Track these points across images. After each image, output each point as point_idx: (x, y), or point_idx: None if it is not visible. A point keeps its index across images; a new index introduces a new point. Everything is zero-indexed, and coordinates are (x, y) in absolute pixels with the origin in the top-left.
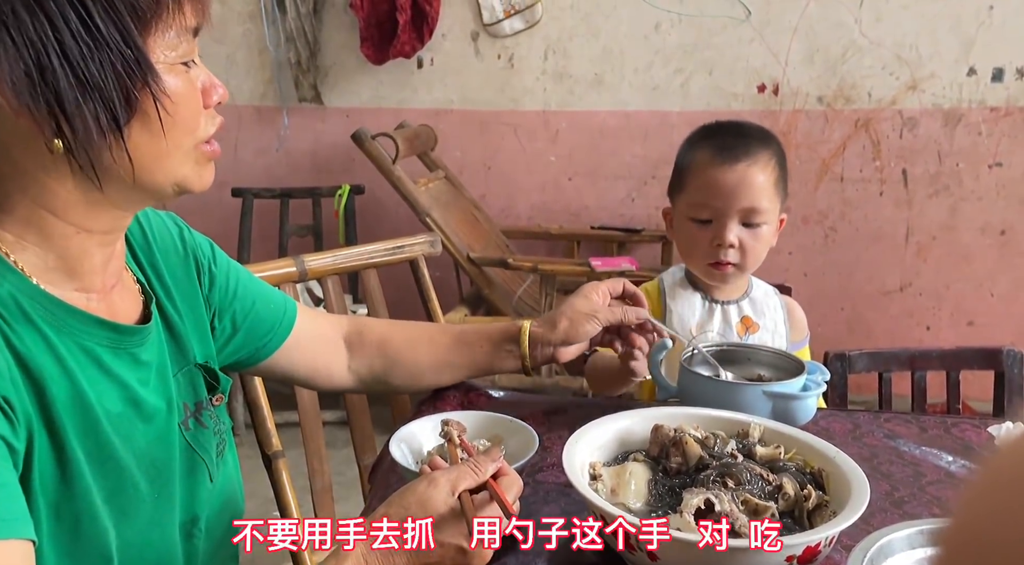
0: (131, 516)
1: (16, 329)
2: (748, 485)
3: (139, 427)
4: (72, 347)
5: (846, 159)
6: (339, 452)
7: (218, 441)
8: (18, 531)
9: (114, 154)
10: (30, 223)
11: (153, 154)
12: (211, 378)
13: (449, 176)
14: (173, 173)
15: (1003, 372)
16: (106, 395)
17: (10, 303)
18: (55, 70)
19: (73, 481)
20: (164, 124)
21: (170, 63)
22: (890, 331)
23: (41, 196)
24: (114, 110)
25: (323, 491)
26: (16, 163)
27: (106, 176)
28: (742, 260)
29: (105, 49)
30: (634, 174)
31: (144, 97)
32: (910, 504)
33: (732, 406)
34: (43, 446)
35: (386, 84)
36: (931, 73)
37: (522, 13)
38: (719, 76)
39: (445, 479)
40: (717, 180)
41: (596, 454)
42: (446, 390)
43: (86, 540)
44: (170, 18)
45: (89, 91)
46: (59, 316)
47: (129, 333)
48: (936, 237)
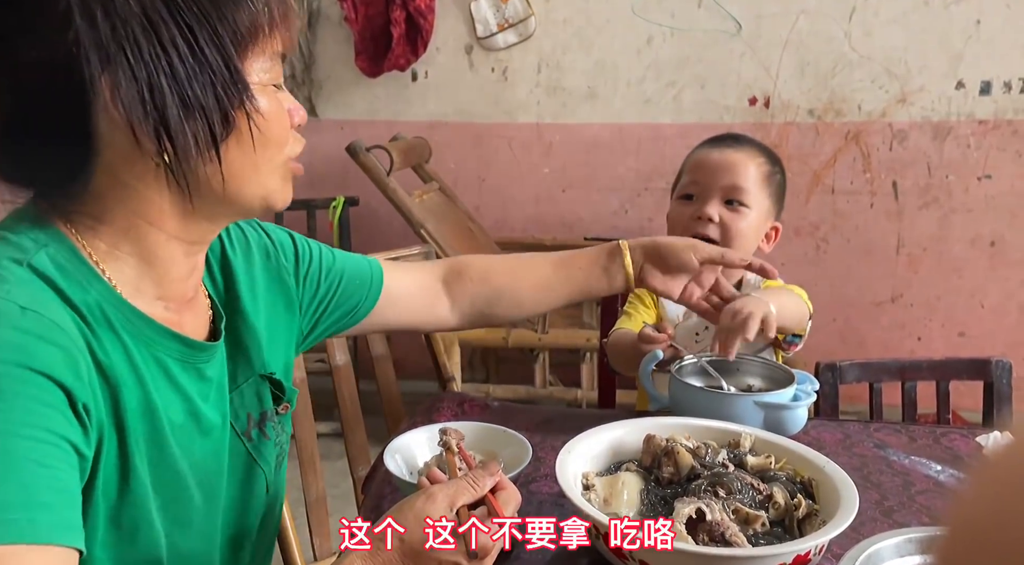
0: (184, 525)
1: (99, 336)
2: (739, 494)
3: (197, 440)
4: (147, 357)
5: (837, 171)
6: (333, 463)
7: (278, 452)
8: (68, 538)
9: (208, 169)
10: (127, 233)
11: (244, 169)
12: (276, 388)
13: (443, 188)
14: (261, 188)
15: (992, 383)
16: (171, 406)
17: (96, 311)
18: (163, 90)
19: (134, 488)
20: (256, 141)
21: (262, 84)
22: (882, 342)
23: (140, 207)
24: (213, 128)
25: (317, 503)
26: (118, 177)
27: (199, 189)
28: (723, 238)
29: (208, 71)
30: (627, 186)
31: (239, 116)
32: (899, 513)
33: (723, 416)
34: (111, 452)
35: (381, 97)
36: (920, 86)
37: (515, 27)
38: (711, 89)
39: (443, 494)
40: (705, 160)
41: (589, 464)
42: (439, 401)
43: (140, 547)
44: (264, 43)
45: (192, 110)
46: (138, 326)
47: (200, 349)
48: (927, 249)
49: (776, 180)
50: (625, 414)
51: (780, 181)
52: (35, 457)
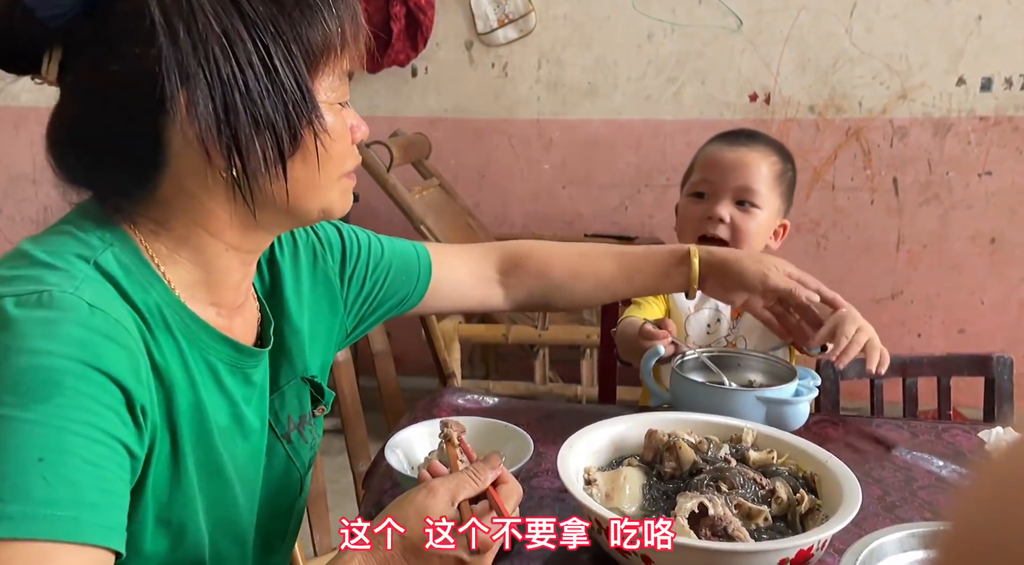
0: (225, 527)
1: (157, 337)
2: (741, 489)
3: (239, 443)
4: (198, 359)
5: (837, 168)
6: (334, 459)
7: (311, 455)
8: (109, 540)
9: (274, 185)
10: (187, 240)
11: (307, 185)
12: (315, 391)
13: (443, 184)
14: (322, 201)
15: (993, 379)
16: (218, 409)
17: (156, 312)
18: (237, 108)
19: (184, 489)
20: (320, 158)
21: (330, 103)
22: (882, 338)
23: (203, 217)
24: (281, 145)
25: (317, 498)
26: (184, 188)
27: (263, 204)
28: (733, 238)
29: (280, 90)
30: (627, 182)
31: (307, 134)
32: (901, 508)
33: (725, 412)
34: (163, 453)
35: (380, 92)
36: (921, 83)
37: (516, 22)
38: (711, 85)
39: (444, 488)
40: (718, 158)
41: (591, 459)
42: (441, 397)
43: (187, 548)
44: (334, 63)
45: (263, 128)
46: (193, 329)
47: (249, 354)
48: (927, 245)
49: (788, 178)
50: (626, 410)
51: (791, 179)
52: (87, 456)
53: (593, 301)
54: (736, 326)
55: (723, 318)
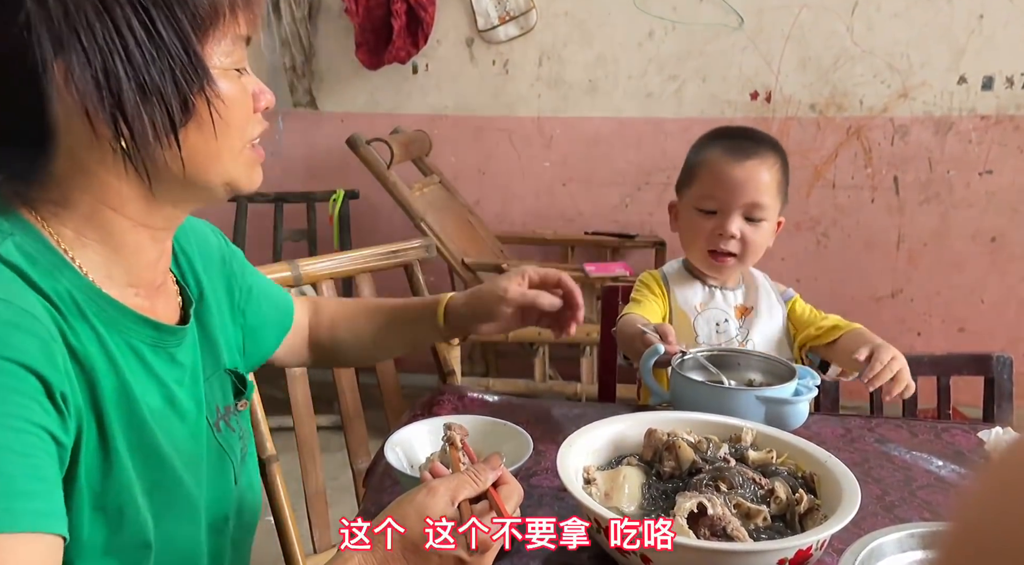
0: (173, 509)
1: (72, 324)
2: (741, 489)
3: (176, 425)
4: (120, 343)
5: (838, 166)
6: (333, 456)
7: (241, 446)
8: (51, 526)
9: (167, 155)
10: (91, 219)
11: (205, 155)
12: (239, 383)
13: (444, 181)
14: (224, 173)
15: (993, 378)
16: (148, 391)
17: (67, 299)
18: (119, 75)
19: (117, 474)
20: (216, 127)
21: (224, 69)
22: (882, 337)
23: (102, 193)
24: (171, 113)
25: (317, 495)
26: (79, 163)
27: (159, 175)
28: (742, 252)
29: (166, 56)
30: (628, 180)
31: (199, 101)
32: (901, 508)
33: (725, 411)
34: (91, 439)
35: (381, 89)
36: (922, 81)
37: (517, 19)
38: (712, 83)
39: (444, 488)
40: (726, 174)
41: (590, 458)
42: (441, 395)
43: (127, 532)
44: (225, 27)
45: (149, 95)
46: (109, 313)
47: (169, 333)
48: (927, 244)
49: (785, 180)
50: (626, 408)
51: (787, 177)
52: (14, 446)
53: (371, 354)
54: (743, 324)
55: (730, 318)
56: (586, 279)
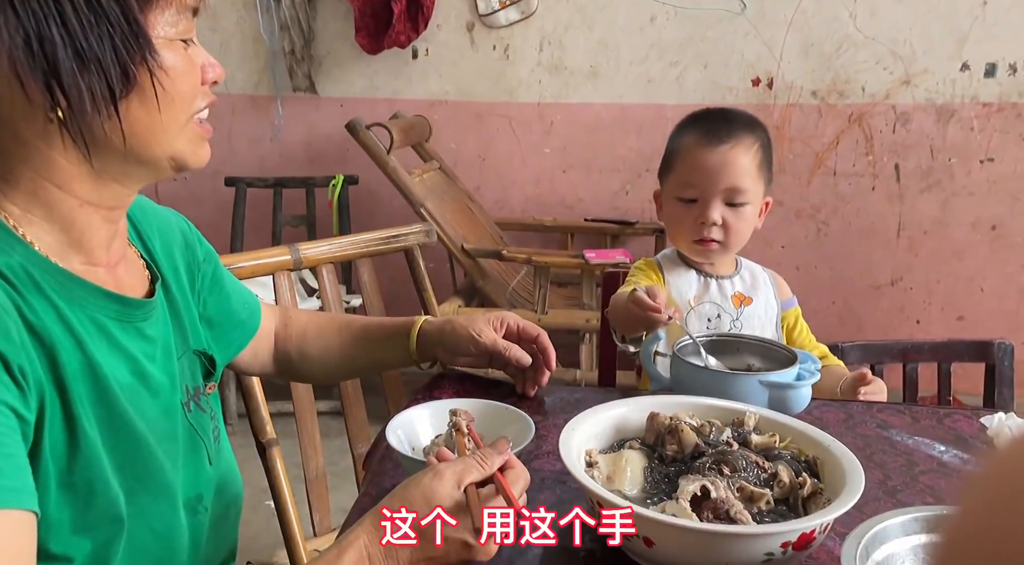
0: (145, 485)
1: (28, 299)
2: (744, 472)
3: (148, 400)
4: (82, 318)
5: (839, 153)
6: (333, 441)
7: (213, 427)
8: (21, 502)
9: (107, 126)
10: (35, 196)
11: (147, 128)
12: (208, 365)
13: (443, 167)
14: (168, 148)
15: (994, 365)
16: (116, 366)
17: (21, 274)
18: (54, 41)
19: (84, 449)
20: (160, 99)
21: (168, 39)
22: (881, 325)
23: (44, 168)
24: (110, 83)
25: (317, 479)
26: (18, 135)
27: (100, 148)
28: (725, 238)
29: (105, 22)
30: (628, 167)
31: (141, 72)
32: (903, 493)
33: (727, 396)
34: (54, 414)
35: (381, 74)
36: (924, 68)
37: (517, 4)
38: (714, 70)
39: (451, 472)
40: (702, 161)
41: (592, 442)
42: (441, 379)
43: (97, 508)
44: None
45: (86, 63)
46: (68, 287)
47: (135, 306)
48: (928, 232)
49: (767, 159)
50: (626, 394)
51: (769, 156)
52: None
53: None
54: (738, 318)
55: (723, 313)
56: (586, 266)
